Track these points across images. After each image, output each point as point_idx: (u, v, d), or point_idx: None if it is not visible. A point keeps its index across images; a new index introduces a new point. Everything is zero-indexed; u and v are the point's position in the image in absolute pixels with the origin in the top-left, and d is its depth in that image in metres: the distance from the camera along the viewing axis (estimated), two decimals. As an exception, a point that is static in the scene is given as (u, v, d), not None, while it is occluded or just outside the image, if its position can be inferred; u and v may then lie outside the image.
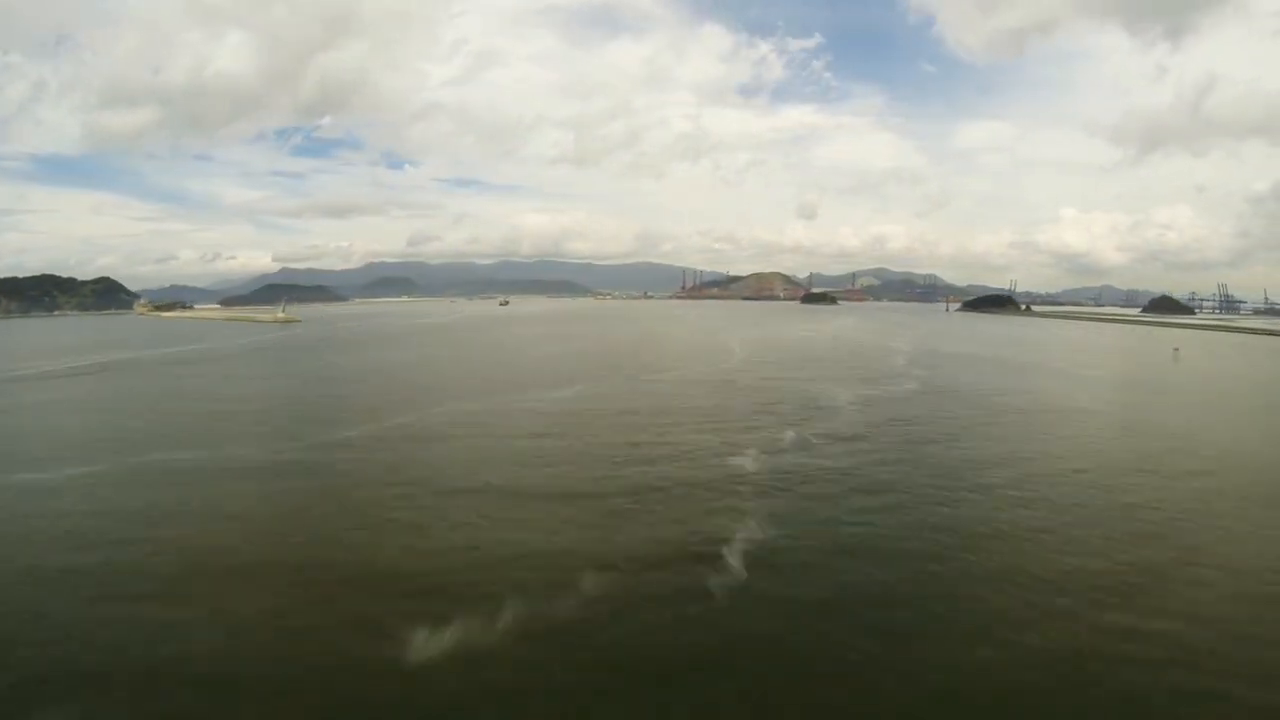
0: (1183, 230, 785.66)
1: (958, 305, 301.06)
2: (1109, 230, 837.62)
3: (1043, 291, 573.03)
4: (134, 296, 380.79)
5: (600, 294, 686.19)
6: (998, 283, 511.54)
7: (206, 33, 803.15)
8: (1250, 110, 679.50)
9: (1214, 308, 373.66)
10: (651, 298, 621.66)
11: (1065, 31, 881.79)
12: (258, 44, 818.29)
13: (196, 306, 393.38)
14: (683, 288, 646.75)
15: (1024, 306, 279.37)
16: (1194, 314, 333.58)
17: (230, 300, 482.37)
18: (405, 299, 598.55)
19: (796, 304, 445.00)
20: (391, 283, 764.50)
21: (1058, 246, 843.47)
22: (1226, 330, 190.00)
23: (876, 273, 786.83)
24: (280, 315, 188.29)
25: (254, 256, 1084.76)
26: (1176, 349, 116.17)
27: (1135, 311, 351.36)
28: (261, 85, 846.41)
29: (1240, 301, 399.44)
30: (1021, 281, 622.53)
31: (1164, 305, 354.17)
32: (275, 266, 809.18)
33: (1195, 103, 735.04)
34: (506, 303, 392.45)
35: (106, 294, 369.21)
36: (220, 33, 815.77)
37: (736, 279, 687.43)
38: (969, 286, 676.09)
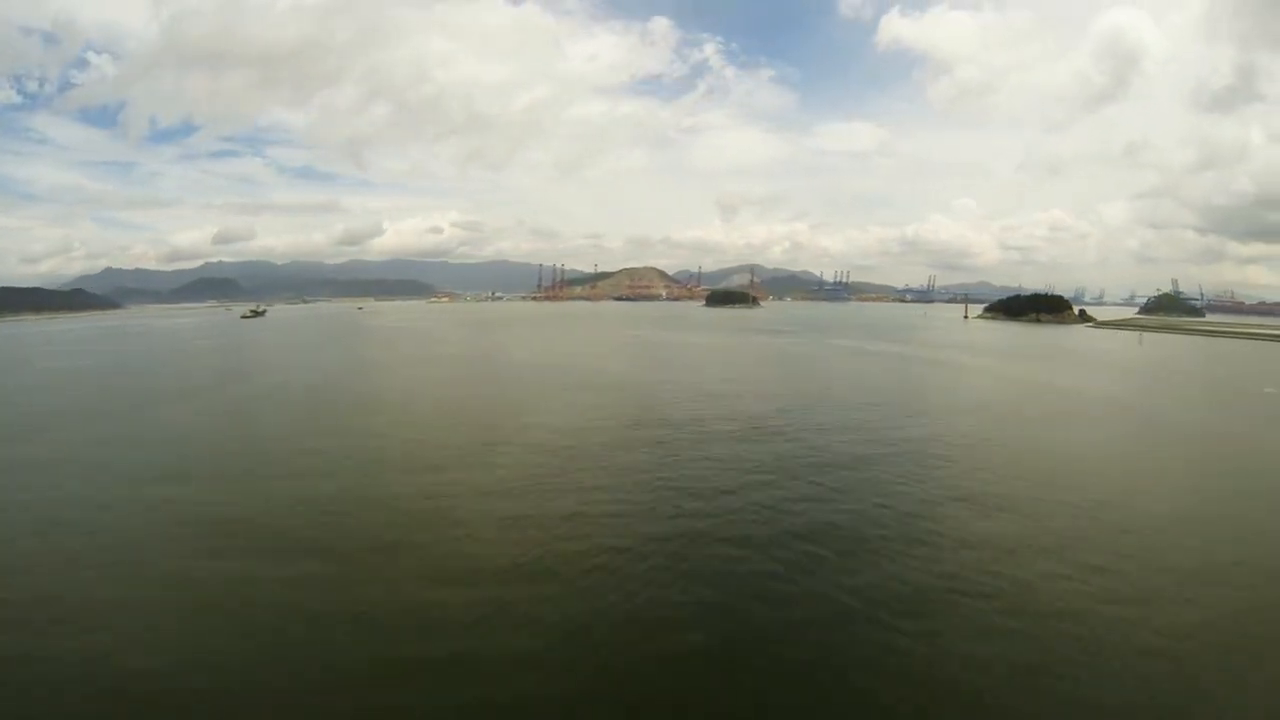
0: (1057, 233, 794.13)
1: (979, 310, 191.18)
2: (989, 232, 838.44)
3: (942, 286, 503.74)
4: None
5: (439, 296, 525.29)
6: (879, 280, 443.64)
7: None
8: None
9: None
10: (500, 299, 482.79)
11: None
12: None
13: None
14: (539, 287, 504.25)
15: (1078, 311, 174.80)
16: (1204, 315, 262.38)
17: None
18: (212, 304, 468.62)
19: (696, 305, 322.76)
20: (216, 284, 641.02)
21: (936, 245, 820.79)
22: None
23: (755, 270, 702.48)
24: None
25: (90, 255, 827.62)
26: None
27: (1132, 313, 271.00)
28: None
29: (1191, 299, 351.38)
30: (902, 279, 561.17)
31: (1166, 305, 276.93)
32: (99, 266, 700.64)
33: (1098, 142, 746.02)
34: (261, 312, 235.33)
35: None
36: None
37: (605, 275, 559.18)
38: (854, 284, 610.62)
